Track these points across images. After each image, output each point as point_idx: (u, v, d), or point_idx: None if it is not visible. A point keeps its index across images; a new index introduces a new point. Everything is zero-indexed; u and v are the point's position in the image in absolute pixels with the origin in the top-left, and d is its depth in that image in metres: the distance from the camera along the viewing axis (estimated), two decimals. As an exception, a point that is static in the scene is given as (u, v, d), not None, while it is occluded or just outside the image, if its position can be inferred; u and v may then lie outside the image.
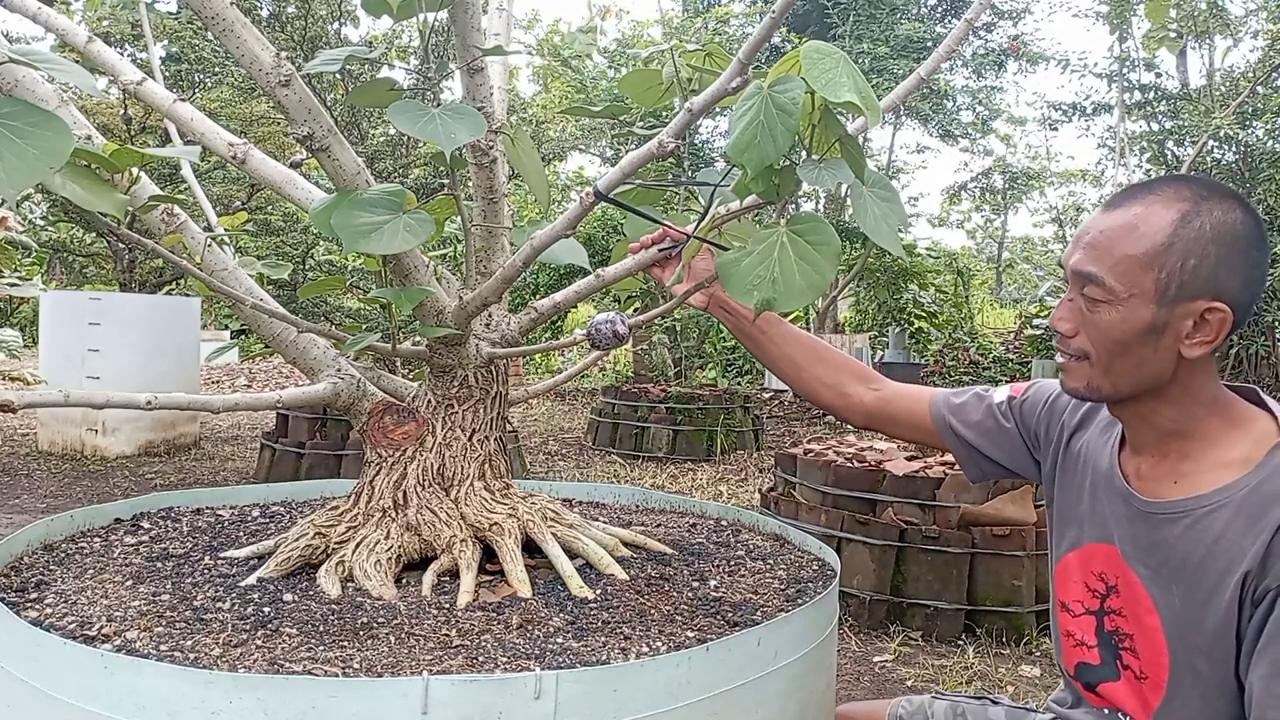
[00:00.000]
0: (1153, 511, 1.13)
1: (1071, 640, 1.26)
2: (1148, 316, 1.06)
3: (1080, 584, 1.24)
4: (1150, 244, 1.06)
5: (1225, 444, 1.10)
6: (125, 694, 0.98)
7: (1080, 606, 1.24)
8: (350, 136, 9.69)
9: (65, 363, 6.61)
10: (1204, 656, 1.09)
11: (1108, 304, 1.08)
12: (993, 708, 1.45)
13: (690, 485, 6.30)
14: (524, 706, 0.98)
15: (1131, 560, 1.16)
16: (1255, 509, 1.04)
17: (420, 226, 1.22)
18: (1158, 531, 1.12)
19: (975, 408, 1.39)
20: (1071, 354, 1.14)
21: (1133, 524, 1.16)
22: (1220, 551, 1.06)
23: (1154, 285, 1.05)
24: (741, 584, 1.47)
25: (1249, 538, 1.04)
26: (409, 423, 1.51)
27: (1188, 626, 1.10)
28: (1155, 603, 1.13)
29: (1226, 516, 1.06)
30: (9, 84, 1.43)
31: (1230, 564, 1.05)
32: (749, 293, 1.16)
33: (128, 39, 10.30)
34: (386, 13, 1.28)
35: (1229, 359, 8.96)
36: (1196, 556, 1.08)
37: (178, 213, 1.57)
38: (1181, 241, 1.05)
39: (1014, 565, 3.41)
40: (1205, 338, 1.07)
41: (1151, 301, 1.06)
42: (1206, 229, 1.05)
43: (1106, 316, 1.08)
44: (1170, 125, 9.20)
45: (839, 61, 1.11)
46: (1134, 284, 1.06)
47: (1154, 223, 1.06)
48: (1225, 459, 1.09)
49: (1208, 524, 1.07)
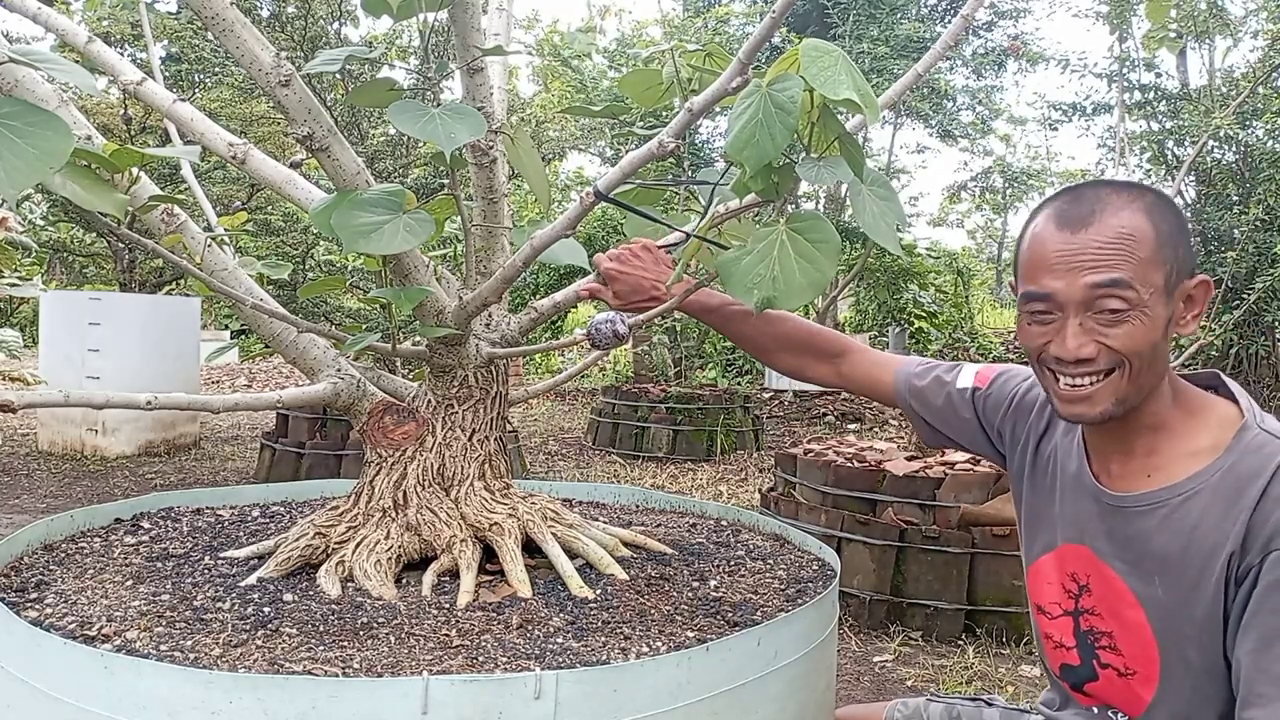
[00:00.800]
0: (1127, 505, 1.14)
1: (1051, 642, 1.26)
2: (1164, 311, 1.09)
3: (1056, 586, 1.24)
4: (1151, 244, 1.07)
5: (1188, 434, 1.12)
6: (125, 694, 0.98)
7: (1057, 608, 1.25)
8: (350, 136, 9.69)
9: (65, 363, 6.60)
10: (1194, 645, 1.09)
11: (1134, 310, 1.07)
12: (987, 709, 1.45)
13: (690, 485, 6.30)
14: (524, 706, 0.98)
15: (1107, 557, 1.16)
16: (1230, 491, 1.06)
17: (420, 226, 1.22)
18: (1133, 524, 1.13)
19: (936, 393, 1.39)
20: (1099, 372, 1.10)
21: (1105, 520, 1.16)
22: (1201, 537, 1.07)
23: (1163, 279, 1.08)
24: (741, 584, 1.47)
25: (1228, 520, 1.05)
26: (409, 423, 1.51)
27: (1176, 617, 1.10)
28: (1138, 596, 1.13)
29: (1203, 502, 1.08)
30: (9, 84, 1.43)
31: (1214, 548, 1.06)
32: (749, 291, 1.16)
33: (128, 39, 10.30)
34: (386, 13, 1.28)
35: (1229, 359, 8.96)
36: (1178, 545, 1.09)
37: (178, 213, 1.57)
38: (1164, 232, 1.08)
39: (1014, 565, 3.41)
40: (1195, 312, 1.11)
41: (1163, 295, 1.08)
42: (1168, 214, 1.09)
43: (1135, 324, 1.07)
44: (1170, 125, 9.19)
45: (837, 59, 1.12)
46: (1151, 283, 1.08)
47: (1137, 224, 1.08)
48: (1192, 448, 1.11)
49: (1185, 512, 1.09)
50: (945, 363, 1.44)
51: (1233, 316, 7.04)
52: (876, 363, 1.48)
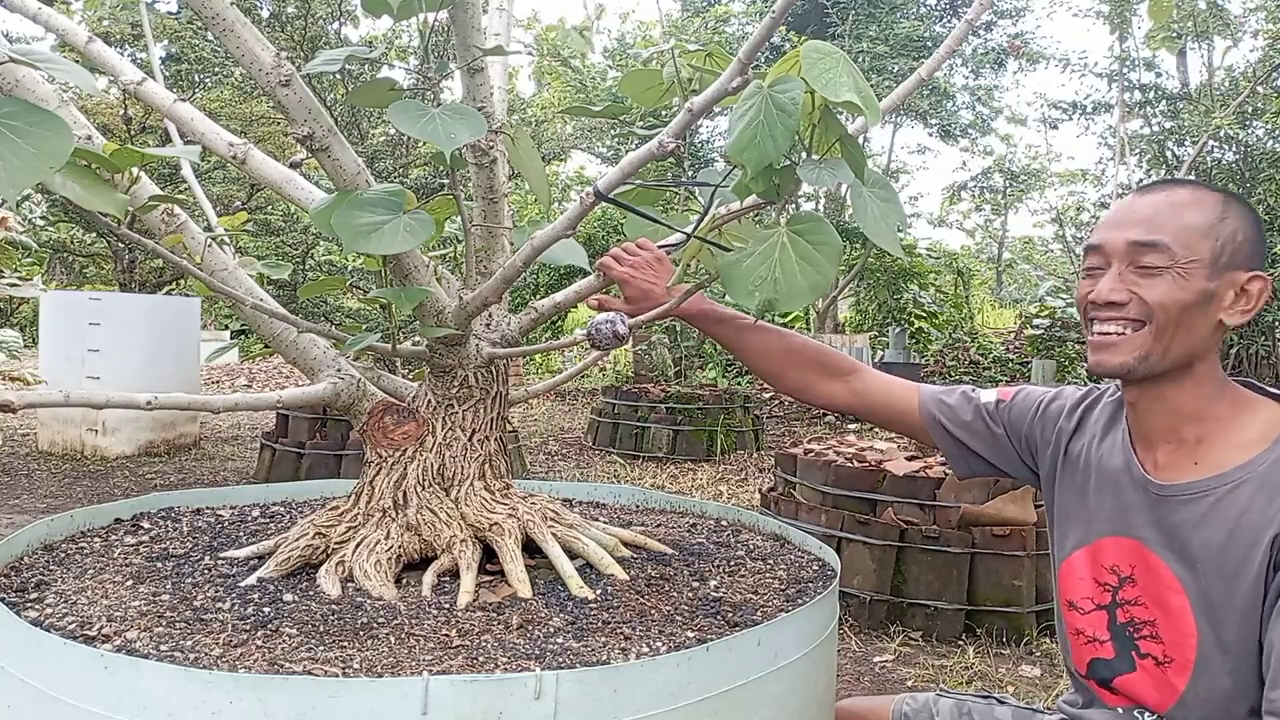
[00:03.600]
0: (1174, 495, 1.17)
1: (1082, 638, 1.27)
2: (1203, 282, 1.13)
3: (1089, 580, 1.26)
4: (1207, 216, 1.14)
5: (1236, 426, 1.16)
6: (125, 694, 0.98)
7: (1090, 603, 1.26)
8: (350, 136, 9.69)
9: (65, 363, 6.61)
10: (1233, 631, 1.11)
11: (1169, 269, 1.14)
12: (999, 707, 1.45)
13: (690, 485, 6.30)
14: (524, 706, 0.98)
15: (1154, 546, 1.18)
16: (1277, 479, 1.10)
17: (420, 226, 1.22)
18: (1180, 513, 1.16)
19: (965, 408, 1.42)
20: (1129, 319, 1.16)
21: (1153, 510, 1.19)
22: (1246, 524, 1.10)
23: (1210, 253, 1.13)
24: (741, 584, 1.47)
25: (1272, 506, 1.09)
26: (409, 423, 1.51)
27: (1217, 604, 1.12)
28: (1183, 584, 1.15)
29: (1250, 491, 1.11)
30: (9, 84, 1.43)
31: (1258, 534, 1.09)
32: (750, 293, 1.16)
33: (128, 39, 10.30)
34: (386, 13, 1.28)
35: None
36: (1223, 532, 1.11)
37: (178, 213, 1.57)
38: (1231, 217, 1.15)
39: (1014, 565, 3.41)
40: (1245, 307, 1.15)
41: (1207, 267, 1.13)
42: (1246, 211, 1.17)
43: (1168, 282, 1.14)
44: (1170, 125, 9.19)
45: (838, 61, 1.11)
46: (1194, 251, 1.13)
47: (1206, 200, 1.16)
48: (1240, 440, 1.15)
49: (1232, 500, 1.12)
50: (964, 386, 1.47)
51: (1233, 316, 7.02)
52: (893, 383, 1.49)
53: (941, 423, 1.42)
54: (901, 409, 1.45)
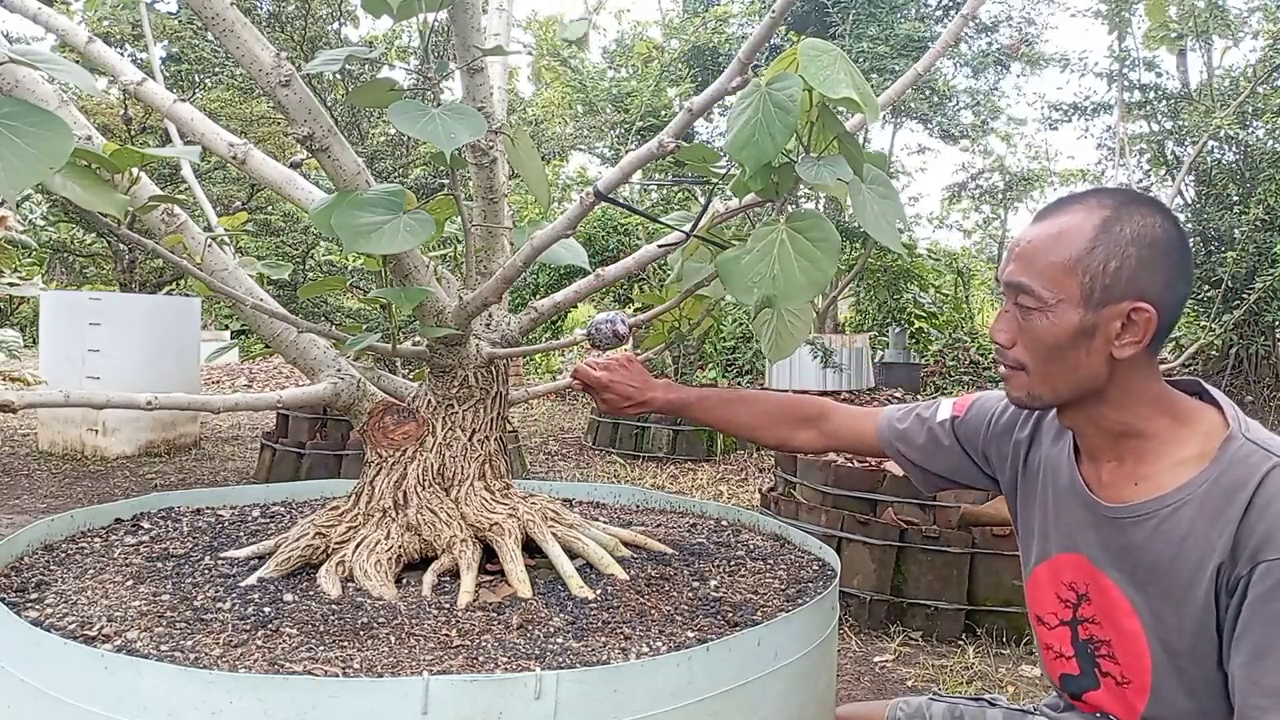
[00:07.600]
0: (1118, 516, 1.14)
1: (1051, 652, 1.27)
2: (1076, 320, 1.09)
3: (1052, 595, 1.25)
4: (1072, 250, 1.09)
5: (1176, 442, 1.12)
6: (125, 694, 0.98)
7: (1054, 618, 1.25)
8: (350, 136, 9.69)
9: (65, 363, 6.60)
10: (1186, 655, 1.09)
11: (1039, 311, 1.10)
12: (990, 710, 1.45)
13: (690, 485, 6.30)
14: (524, 706, 0.98)
15: (1103, 566, 1.17)
16: (1218, 502, 1.06)
17: (420, 226, 1.22)
18: (1126, 535, 1.13)
19: (918, 431, 1.42)
20: (1010, 364, 1.16)
21: (1099, 530, 1.17)
22: (1190, 548, 1.07)
23: (1079, 289, 1.08)
24: (742, 584, 1.47)
25: (1215, 531, 1.05)
26: (409, 423, 1.51)
27: (1167, 627, 1.10)
28: (1134, 605, 1.14)
29: (1191, 513, 1.08)
30: (9, 84, 1.43)
31: (1202, 559, 1.06)
32: (749, 290, 1.16)
33: (128, 39, 10.29)
34: (386, 13, 1.28)
35: (1229, 359, 8.95)
36: (1168, 555, 1.09)
37: (178, 213, 1.57)
38: (1102, 246, 1.08)
39: (1014, 565, 3.41)
40: (1134, 338, 1.09)
41: (1079, 305, 1.09)
42: (1126, 233, 1.08)
43: (1039, 323, 1.11)
44: (1170, 125, 9.19)
45: (836, 59, 1.12)
46: (1060, 289, 1.09)
47: (1076, 230, 1.09)
48: (1180, 457, 1.11)
49: (1174, 522, 1.09)
50: (924, 402, 1.46)
51: (1233, 316, 7.04)
52: (856, 416, 1.50)
53: (898, 448, 1.43)
54: (869, 442, 1.47)
